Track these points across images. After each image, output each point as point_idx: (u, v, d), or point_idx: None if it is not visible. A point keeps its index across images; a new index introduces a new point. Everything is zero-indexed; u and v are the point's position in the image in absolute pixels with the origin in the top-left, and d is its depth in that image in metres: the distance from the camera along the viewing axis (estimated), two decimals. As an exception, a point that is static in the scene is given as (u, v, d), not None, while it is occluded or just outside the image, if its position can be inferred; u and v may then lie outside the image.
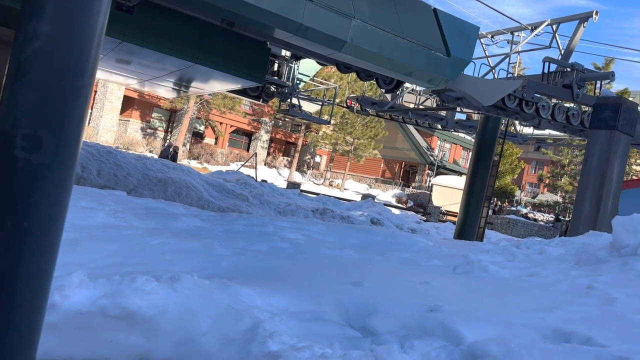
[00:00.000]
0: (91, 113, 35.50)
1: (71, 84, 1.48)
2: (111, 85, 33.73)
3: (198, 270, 4.23)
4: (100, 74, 16.96)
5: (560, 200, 41.33)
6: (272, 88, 16.28)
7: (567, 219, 30.90)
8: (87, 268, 3.88)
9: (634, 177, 32.59)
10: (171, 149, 23.06)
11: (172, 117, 39.45)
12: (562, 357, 2.74)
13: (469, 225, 16.59)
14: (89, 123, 35.34)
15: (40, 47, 1.49)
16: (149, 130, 38.43)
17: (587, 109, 14.88)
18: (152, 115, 38.87)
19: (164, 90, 17.81)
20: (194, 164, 34.87)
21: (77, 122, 1.57)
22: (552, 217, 35.28)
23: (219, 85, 14.10)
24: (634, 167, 37.68)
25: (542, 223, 30.73)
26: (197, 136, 40.91)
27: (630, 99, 20.59)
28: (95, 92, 35.37)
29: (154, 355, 2.71)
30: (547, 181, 43.01)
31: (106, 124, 34.69)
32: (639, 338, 3.13)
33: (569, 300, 4.07)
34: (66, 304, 2.65)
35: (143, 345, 2.71)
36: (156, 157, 26.27)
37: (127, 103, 36.51)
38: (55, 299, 2.65)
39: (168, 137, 38.51)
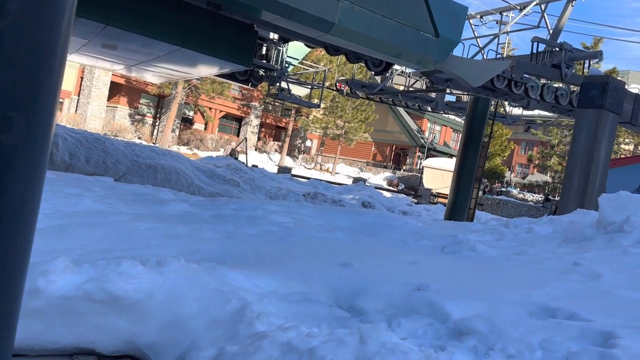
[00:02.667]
0: (78, 100, 35.08)
1: (42, 63, 1.44)
2: (97, 71, 33.27)
3: (186, 254, 4.21)
4: (86, 60, 16.71)
5: (550, 180, 41.66)
6: (261, 72, 16.13)
7: (556, 198, 31.18)
8: (74, 254, 3.86)
9: (622, 157, 32.85)
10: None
11: (160, 102, 39.09)
12: (546, 332, 2.78)
13: (459, 207, 16.69)
14: (76, 110, 34.94)
15: (7, 25, 1.45)
16: (137, 117, 38.07)
17: (575, 88, 14.91)
18: (140, 101, 38.48)
19: (151, 76, 17.61)
20: (183, 150, 34.67)
21: (49, 102, 1.53)
22: (541, 197, 35.60)
23: (206, 70, 13.95)
24: (622, 146, 38.00)
25: (532, 203, 31.01)
26: (186, 122, 40.59)
27: (619, 78, 20.66)
28: (82, 78, 34.90)
29: (141, 338, 2.71)
30: (536, 161, 43.30)
31: (94, 110, 34.29)
32: (623, 313, 3.18)
33: (555, 277, 4.11)
34: (51, 289, 2.63)
35: (130, 329, 2.70)
36: (145, 143, 26.34)
37: (115, 89, 36.08)
38: (40, 284, 2.63)
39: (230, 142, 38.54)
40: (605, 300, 3.48)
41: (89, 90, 34.27)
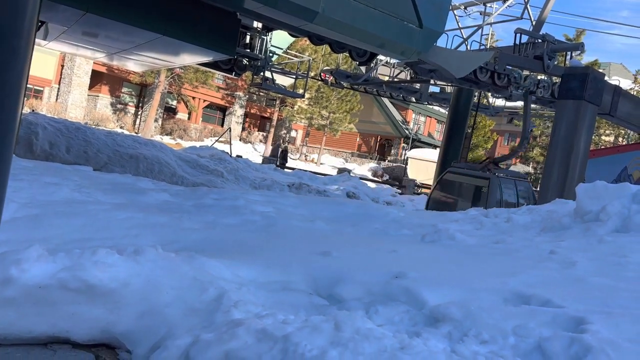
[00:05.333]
0: (59, 89, 34.49)
1: (6, 45, 1.41)
2: (79, 59, 32.73)
3: (166, 244, 4.19)
4: (66, 48, 16.43)
5: (532, 171, 42.18)
6: (245, 61, 16.01)
7: (538, 189, 31.55)
8: (52, 243, 3.81)
9: (602, 147, 33.34)
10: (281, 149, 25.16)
11: (142, 91, 38.60)
12: (520, 318, 2.82)
13: (442, 197, 16.80)
14: (56, 99, 34.37)
15: (-31, 6, 1.40)
16: (119, 106, 37.58)
17: (557, 80, 15.07)
18: (122, 90, 37.96)
19: (133, 64, 17.37)
20: (166, 139, 34.31)
21: (15, 83, 1.50)
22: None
23: (188, 58, 13.80)
24: (603, 137, 38.56)
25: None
26: (170, 111, 40.16)
27: (601, 70, 20.91)
28: (63, 66, 34.29)
29: (117, 327, 2.69)
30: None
31: (75, 99, 33.76)
32: (595, 299, 3.24)
33: (531, 265, 4.18)
34: (24, 278, 2.60)
35: (105, 317, 2.69)
36: (127, 133, 26.01)
37: (96, 78, 35.53)
38: (13, 273, 2.60)
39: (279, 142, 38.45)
40: (579, 287, 3.54)
41: (69, 79, 33.71)
